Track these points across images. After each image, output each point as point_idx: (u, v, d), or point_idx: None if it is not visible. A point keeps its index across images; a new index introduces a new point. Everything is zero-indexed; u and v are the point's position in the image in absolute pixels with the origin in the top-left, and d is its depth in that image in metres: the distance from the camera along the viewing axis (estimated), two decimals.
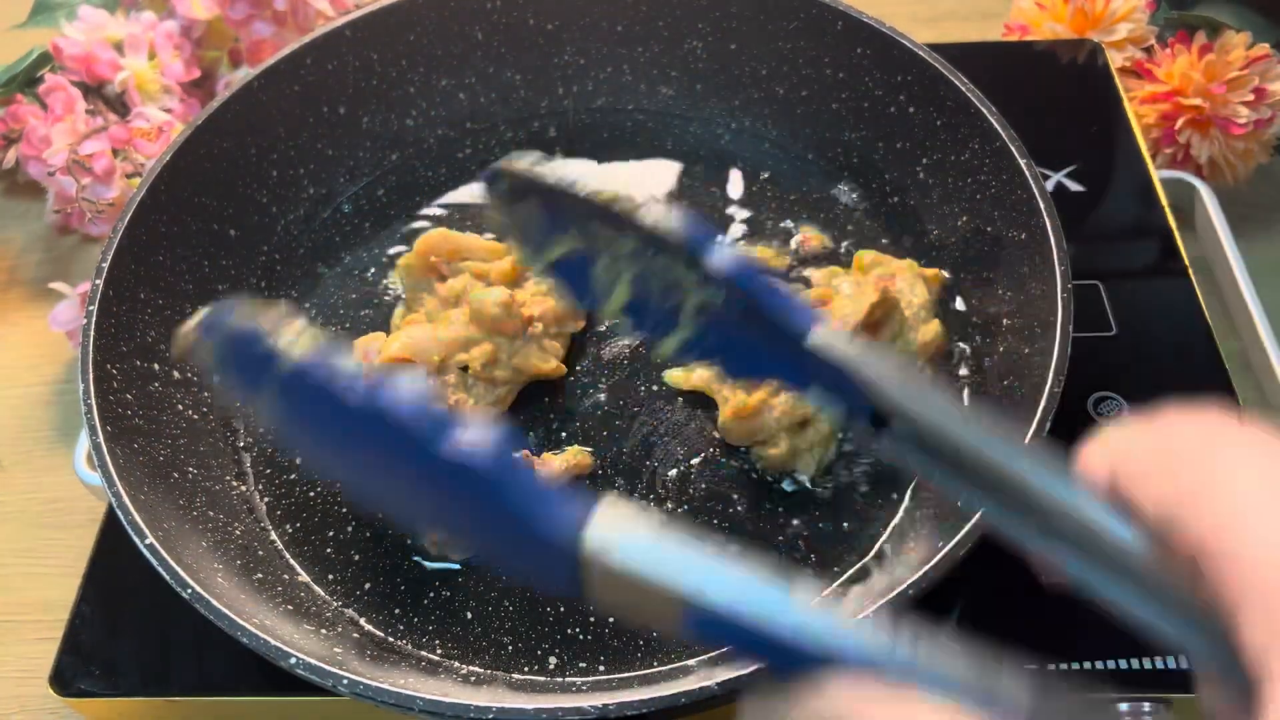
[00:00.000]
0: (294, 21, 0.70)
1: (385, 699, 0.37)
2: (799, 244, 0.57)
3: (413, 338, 0.50)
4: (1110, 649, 0.45)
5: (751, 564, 0.22)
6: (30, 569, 0.58)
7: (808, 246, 0.56)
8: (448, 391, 0.50)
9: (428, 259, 0.53)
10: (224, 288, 0.54)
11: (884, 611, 0.37)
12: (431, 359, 0.49)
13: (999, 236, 0.51)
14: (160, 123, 0.66)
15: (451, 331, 0.50)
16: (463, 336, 0.50)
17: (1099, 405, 0.53)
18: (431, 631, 0.44)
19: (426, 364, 0.49)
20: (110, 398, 0.45)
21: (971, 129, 0.53)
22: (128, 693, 0.46)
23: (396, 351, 0.49)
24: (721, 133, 0.63)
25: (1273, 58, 0.66)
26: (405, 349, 0.49)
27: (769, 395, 0.47)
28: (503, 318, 0.49)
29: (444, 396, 0.49)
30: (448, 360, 0.49)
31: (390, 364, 0.49)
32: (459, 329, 0.50)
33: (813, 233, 0.57)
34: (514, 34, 0.62)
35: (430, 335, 0.50)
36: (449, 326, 0.50)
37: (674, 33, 0.62)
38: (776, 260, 0.56)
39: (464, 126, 0.63)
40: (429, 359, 0.49)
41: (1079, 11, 0.72)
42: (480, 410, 0.50)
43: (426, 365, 0.49)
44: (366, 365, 0.23)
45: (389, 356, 0.49)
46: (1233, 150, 0.66)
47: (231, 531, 0.46)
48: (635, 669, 0.43)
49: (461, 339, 0.50)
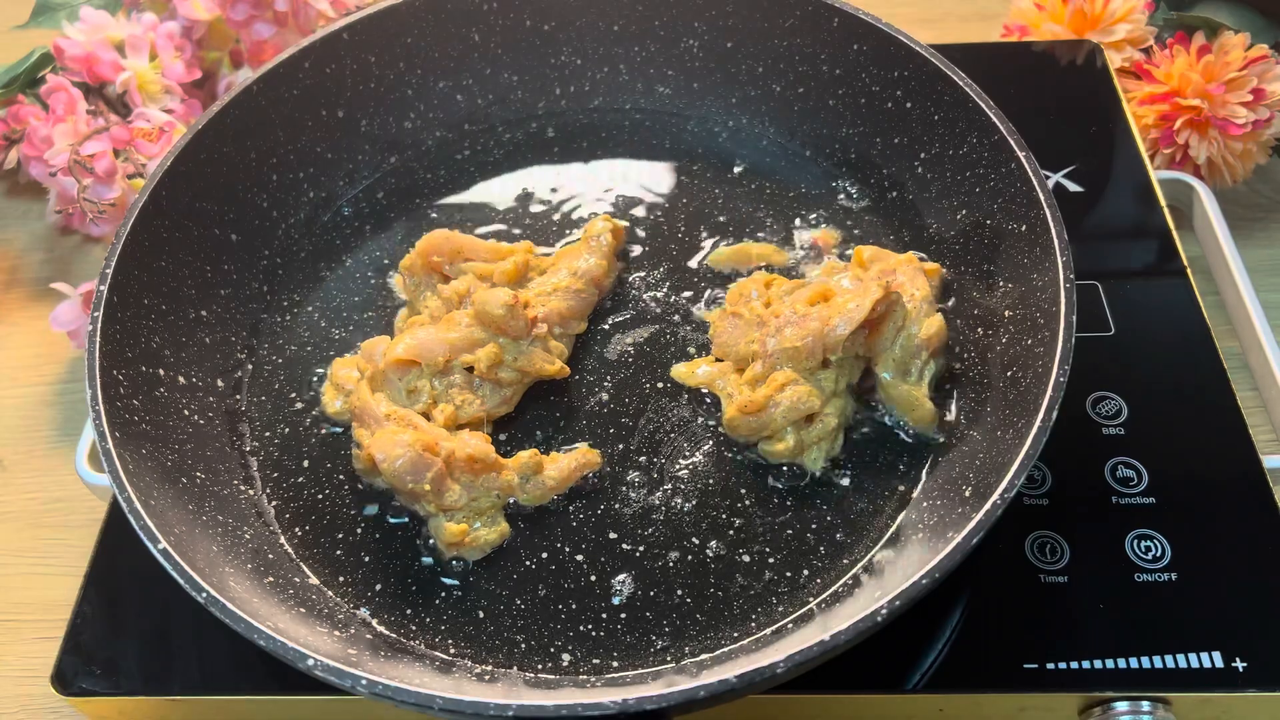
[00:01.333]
0: (295, 22, 0.71)
1: (405, 699, 0.37)
2: (815, 243, 0.57)
3: (418, 339, 0.50)
4: (1110, 649, 0.45)
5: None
6: (31, 569, 0.59)
7: (824, 245, 0.56)
8: (454, 393, 0.50)
9: (430, 259, 0.53)
10: (226, 292, 0.55)
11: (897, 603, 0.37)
12: (437, 361, 0.49)
13: (999, 229, 0.51)
14: (161, 123, 0.66)
15: (456, 333, 0.50)
16: (468, 338, 0.50)
17: (1097, 405, 0.53)
18: (444, 631, 0.45)
19: (431, 365, 0.49)
20: (117, 404, 0.46)
21: (970, 123, 0.53)
22: (129, 692, 0.46)
23: (402, 354, 0.49)
24: (719, 131, 0.63)
25: (1271, 58, 0.66)
26: (410, 351, 0.49)
27: (774, 391, 0.48)
28: (508, 319, 0.49)
29: (451, 398, 0.50)
30: (453, 362, 0.50)
31: (396, 366, 0.49)
32: (464, 330, 0.50)
33: (830, 232, 0.57)
34: (511, 35, 0.62)
35: (435, 337, 0.50)
36: (454, 328, 0.50)
37: (670, 32, 0.62)
38: (776, 257, 0.56)
39: (462, 128, 0.63)
40: (434, 360, 0.49)
41: (1078, 12, 0.72)
42: (485, 411, 0.50)
43: (431, 367, 0.49)
44: None
45: (394, 359, 0.49)
46: (1231, 151, 0.66)
47: (241, 535, 0.46)
48: (649, 665, 0.43)
49: (467, 340, 0.50)
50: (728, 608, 0.45)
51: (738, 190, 0.59)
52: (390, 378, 0.49)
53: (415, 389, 0.49)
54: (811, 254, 0.56)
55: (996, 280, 0.51)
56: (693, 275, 0.56)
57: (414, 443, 0.46)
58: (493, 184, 0.61)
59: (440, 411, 0.49)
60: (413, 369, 0.50)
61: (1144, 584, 0.47)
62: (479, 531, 0.47)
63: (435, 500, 0.47)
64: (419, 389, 0.49)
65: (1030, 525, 0.49)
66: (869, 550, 0.46)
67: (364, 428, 0.49)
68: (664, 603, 0.45)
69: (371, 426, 0.48)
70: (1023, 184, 0.50)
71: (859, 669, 0.45)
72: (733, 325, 0.52)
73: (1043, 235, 0.48)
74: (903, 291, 0.50)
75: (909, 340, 0.49)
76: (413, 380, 0.50)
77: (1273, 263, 0.67)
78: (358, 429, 0.49)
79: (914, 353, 0.49)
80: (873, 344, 0.49)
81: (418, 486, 0.46)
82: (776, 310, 0.50)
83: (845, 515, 0.47)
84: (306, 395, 0.53)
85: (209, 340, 0.53)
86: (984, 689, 0.45)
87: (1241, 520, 0.48)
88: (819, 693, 0.45)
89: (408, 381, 0.50)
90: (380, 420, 0.48)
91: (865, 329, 0.48)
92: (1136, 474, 0.50)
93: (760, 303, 0.52)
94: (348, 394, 0.51)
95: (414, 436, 0.46)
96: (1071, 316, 0.45)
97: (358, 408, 0.49)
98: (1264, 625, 0.45)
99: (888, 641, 0.45)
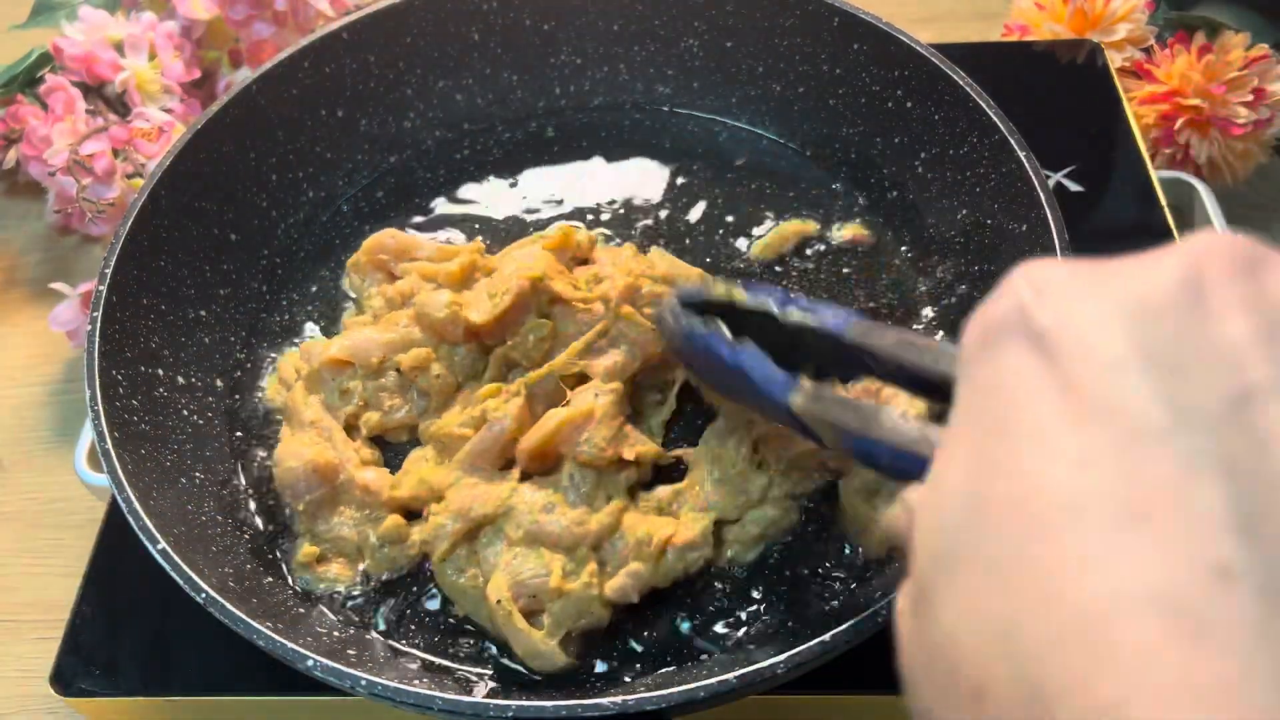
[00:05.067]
0: (294, 22, 0.70)
1: (405, 699, 0.37)
2: (843, 239, 0.56)
3: (352, 340, 0.49)
4: None
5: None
6: (30, 569, 0.59)
7: (853, 240, 0.56)
8: (383, 396, 0.49)
9: (376, 258, 0.53)
10: (225, 292, 0.55)
11: None
12: (371, 361, 0.49)
13: (999, 229, 0.51)
14: (161, 123, 0.66)
15: (394, 333, 0.49)
16: (405, 338, 0.49)
17: None
18: (444, 632, 0.45)
19: (365, 366, 0.49)
20: (116, 404, 0.46)
21: (970, 123, 0.53)
22: (128, 692, 0.46)
23: (335, 354, 0.49)
24: (719, 130, 0.63)
25: (1272, 58, 0.66)
26: (343, 351, 0.49)
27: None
28: (446, 323, 0.48)
29: (380, 402, 0.49)
30: (386, 363, 0.49)
31: (330, 365, 0.49)
32: (401, 331, 0.49)
33: (858, 229, 0.56)
34: (510, 35, 0.62)
35: (370, 337, 0.49)
36: (391, 328, 0.49)
37: (670, 31, 0.62)
38: (809, 228, 0.56)
39: (462, 128, 0.63)
40: (368, 361, 0.49)
41: (1078, 12, 0.72)
42: (412, 418, 0.49)
43: (364, 368, 0.49)
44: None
45: (327, 359, 0.49)
46: (1232, 150, 0.66)
47: (240, 536, 0.46)
48: (649, 666, 0.43)
49: (403, 340, 0.49)
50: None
51: (738, 190, 0.59)
52: (324, 377, 0.49)
53: (348, 390, 0.49)
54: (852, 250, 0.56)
55: (997, 280, 0.51)
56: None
57: (311, 459, 0.46)
58: (493, 184, 0.61)
59: (365, 422, 0.49)
60: (346, 369, 0.49)
61: None
62: (331, 565, 0.46)
63: (306, 522, 0.47)
64: (351, 390, 0.49)
65: None
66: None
67: (289, 427, 0.49)
68: (664, 604, 0.45)
69: (294, 429, 0.48)
70: (1023, 184, 0.50)
71: (859, 669, 0.45)
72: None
73: (1043, 235, 0.48)
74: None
75: None
76: (345, 381, 0.49)
77: None
78: (285, 426, 0.49)
79: None
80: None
81: (295, 502, 0.46)
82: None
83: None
84: None
85: (208, 340, 0.53)
86: None
87: None
88: (819, 693, 0.45)
89: (340, 382, 0.49)
90: (304, 425, 0.48)
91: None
92: None
93: None
94: (289, 387, 0.51)
95: (315, 453, 0.46)
96: None
97: (289, 407, 0.49)
98: None
99: (888, 641, 0.45)
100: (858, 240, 0.56)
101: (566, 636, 0.42)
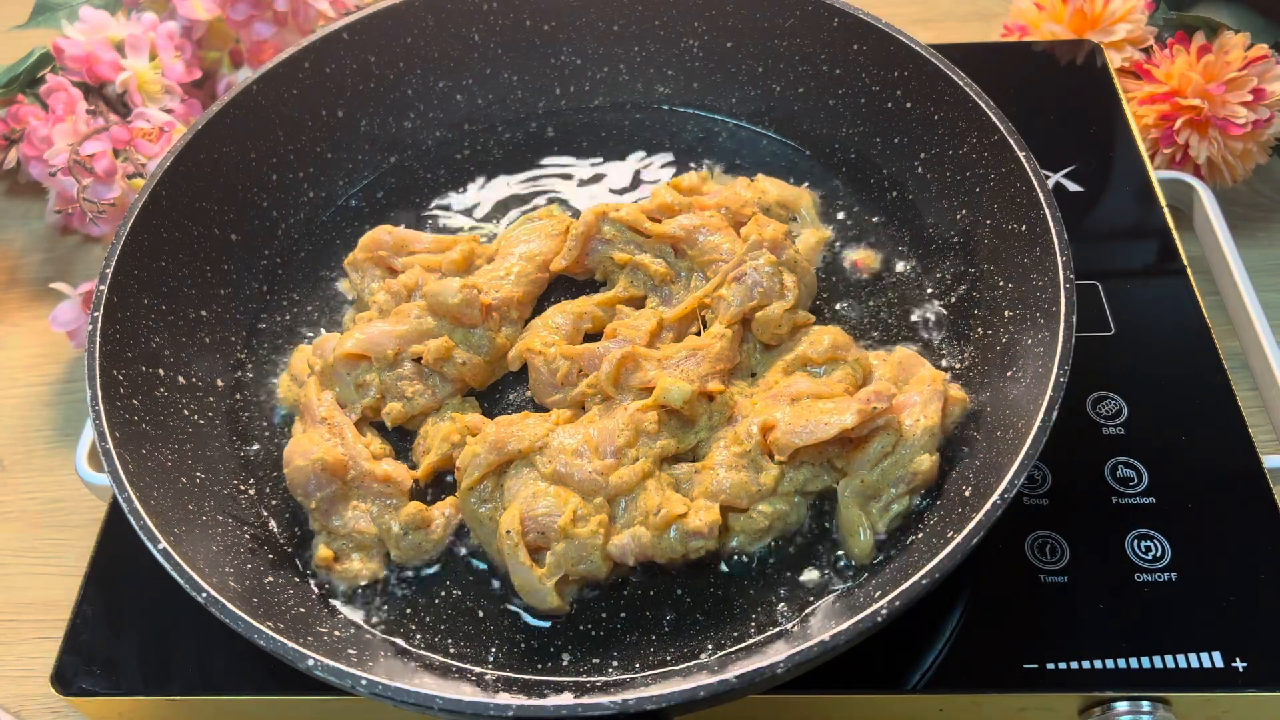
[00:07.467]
0: (295, 22, 0.71)
1: (405, 699, 0.37)
2: (855, 264, 0.55)
3: (367, 334, 0.49)
4: (1110, 649, 0.45)
5: None
6: (31, 569, 0.59)
7: (861, 267, 0.55)
8: (404, 385, 0.49)
9: (374, 254, 0.54)
10: (226, 292, 0.55)
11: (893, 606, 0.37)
12: (386, 354, 0.49)
13: (999, 229, 0.51)
14: (161, 123, 0.66)
15: (406, 325, 0.50)
16: (418, 329, 0.49)
17: (1097, 405, 0.53)
18: (444, 631, 0.45)
19: (380, 359, 0.49)
20: (117, 404, 0.46)
21: (969, 123, 0.53)
22: (129, 692, 0.46)
23: (351, 348, 0.49)
24: (719, 130, 0.63)
25: (1271, 58, 0.66)
26: (359, 345, 0.49)
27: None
28: (462, 307, 0.49)
29: (400, 391, 0.49)
30: (402, 354, 0.49)
31: (344, 360, 0.49)
32: (414, 322, 0.50)
33: (866, 254, 0.55)
34: (510, 35, 0.62)
35: (384, 330, 0.49)
36: (403, 320, 0.50)
37: (670, 32, 0.62)
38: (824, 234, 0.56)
39: (462, 128, 0.63)
40: (383, 354, 0.49)
41: (1078, 12, 0.72)
42: (438, 401, 0.50)
43: (380, 361, 0.49)
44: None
45: (343, 353, 0.49)
46: (1231, 151, 0.66)
47: (240, 536, 0.46)
48: (648, 665, 0.43)
49: (416, 331, 0.49)
50: (727, 608, 0.45)
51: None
52: (339, 372, 0.49)
53: (364, 383, 0.49)
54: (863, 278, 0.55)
55: (996, 280, 0.51)
56: None
57: (320, 457, 0.46)
58: (493, 184, 0.61)
59: (388, 414, 0.49)
60: (361, 363, 0.49)
61: (1144, 584, 0.47)
62: (352, 563, 0.46)
63: (320, 519, 0.47)
64: (367, 383, 0.49)
65: (1030, 525, 0.49)
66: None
67: (302, 423, 0.49)
68: (664, 602, 0.45)
69: (307, 425, 0.49)
70: (1023, 184, 0.50)
71: (859, 669, 0.45)
72: None
73: (1043, 235, 0.48)
74: (907, 417, 0.46)
75: (892, 467, 0.45)
76: (361, 374, 0.49)
77: (1273, 263, 0.67)
78: (297, 423, 0.50)
79: (892, 481, 0.45)
80: (853, 457, 0.46)
81: (307, 501, 0.47)
82: (771, 382, 0.48)
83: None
84: None
85: (209, 340, 0.53)
86: (984, 689, 0.45)
87: (1241, 520, 0.48)
88: (819, 693, 0.45)
89: (356, 376, 0.49)
90: (316, 421, 0.48)
91: (842, 444, 0.45)
92: (1136, 474, 0.50)
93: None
94: (302, 384, 0.51)
95: (323, 451, 0.46)
96: (1071, 316, 0.45)
97: (301, 403, 0.49)
98: (1264, 625, 0.45)
99: (888, 641, 0.45)
100: (861, 265, 0.55)
101: (564, 580, 0.44)
